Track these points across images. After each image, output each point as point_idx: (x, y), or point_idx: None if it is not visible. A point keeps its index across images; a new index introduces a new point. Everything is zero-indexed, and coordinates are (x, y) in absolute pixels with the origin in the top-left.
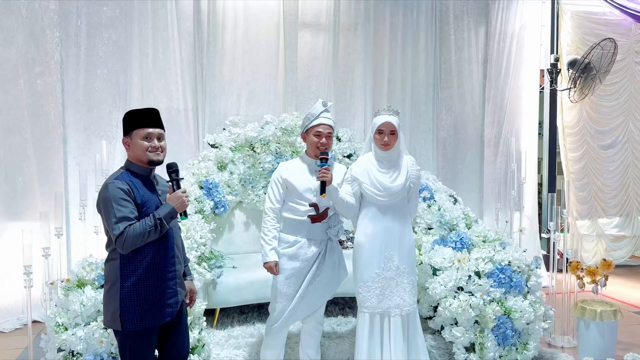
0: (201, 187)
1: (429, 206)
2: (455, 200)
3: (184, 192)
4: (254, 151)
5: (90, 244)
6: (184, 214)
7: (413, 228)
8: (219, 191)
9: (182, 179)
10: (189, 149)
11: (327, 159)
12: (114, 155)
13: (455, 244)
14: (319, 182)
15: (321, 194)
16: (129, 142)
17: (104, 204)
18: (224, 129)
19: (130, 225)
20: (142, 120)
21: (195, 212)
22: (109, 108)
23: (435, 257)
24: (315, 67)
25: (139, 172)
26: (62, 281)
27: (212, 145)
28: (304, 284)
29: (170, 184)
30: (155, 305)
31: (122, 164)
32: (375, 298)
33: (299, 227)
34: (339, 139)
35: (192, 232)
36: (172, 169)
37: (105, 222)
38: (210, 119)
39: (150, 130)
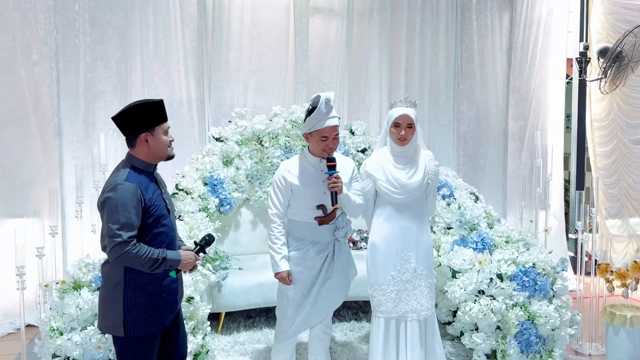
0: (205, 184)
1: (449, 204)
2: (477, 198)
3: (198, 259)
4: (262, 145)
5: (87, 244)
6: (177, 271)
7: (431, 227)
8: (224, 188)
9: (208, 246)
10: (192, 143)
11: (335, 166)
12: (114, 149)
13: (476, 244)
14: (329, 193)
15: (333, 205)
16: (150, 138)
17: (110, 206)
18: (230, 121)
19: (133, 237)
20: (163, 114)
21: (199, 210)
22: (110, 99)
23: (454, 259)
24: (327, 56)
25: (144, 169)
26: (57, 283)
27: (217, 139)
28: (314, 291)
29: (195, 247)
30: (160, 308)
31: (122, 161)
32: (390, 302)
33: (305, 229)
34: (352, 133)
35: (196, 231)
36: (206, 242)
37: (105, 224)
38: (215, 111)
39: (168, 124)
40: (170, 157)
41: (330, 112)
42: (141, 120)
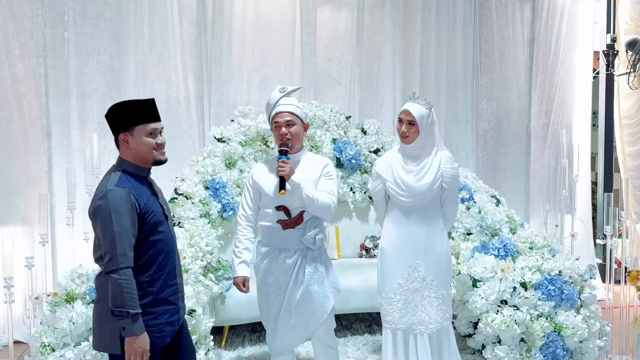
0: (207, 188)
1: (468, 208)
2: (498, 202)
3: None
4: (267, 146)
5: (79, 253)
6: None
7: (449, 233)
8: (227, 192)
9: None
10: (190, 144)
11: (286, 151)
12: (108, 151)
13: (498, 251)
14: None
15: (279, 190)
16: (129, 138)
17: (102, 216)
18: (233, 120)
19: (127, 268)
20: (146, 114)
21: (201, 216)
22: (102, 97)
23: (475, 267)
24: (336, 50)
25: (135, 172)
26: (48, 295)
27: (219, 140)
28: (284, 303)
29: None
30: (159, 323)
31: (113, 166)
32: (397, 312)
33: (271, 235)
34: (364, 132)
35: (197, 239)
36: None
37: (98, 237)
38: (217, 109)
39: (154, 125)
40: (157, 162)
41: (284, 98)
42: (120, 119)
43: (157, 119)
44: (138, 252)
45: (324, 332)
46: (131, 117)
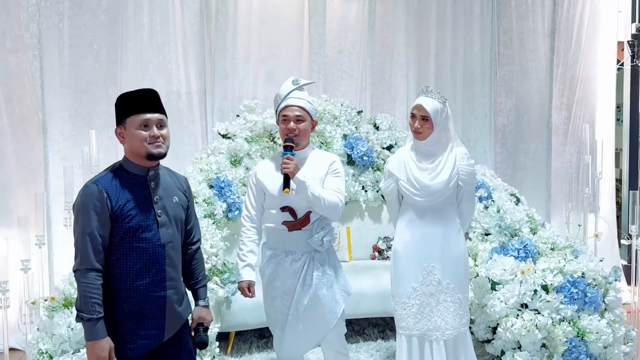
0: (211, 186)
1: (486, 207)
2: (518, 200)
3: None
4: (275, 142)
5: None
6: None
7: (467, 234)
8: (232, 191)
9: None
10: (193, 141)
11: (292, 147)
12: (106, 147)
13: (518, 252)
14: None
15: (283, 189)
16: (123, 132)
17: (75, 208)
18: (238, 115)
19: (90, 270)
20: (137, 105)
21: (205, 217)
22: (100, 91)
23: (493, 269)
24: (347, 41)
25: (134, 171)
26: (45, 300)
27: (224, 136)
28: (292, 309)
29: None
30: (132, 335)
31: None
32: (411, 317)
33: (277, 238)
34: (376, 127)
35: (202, 241)
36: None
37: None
38: (221, 104)
39: (148, 115)
40: (151, 156)
41: (296, 91)
42: (116, 112)
43: (151, 109)
44: (112, 256)
45: (335, 337)
46: (124, 108)
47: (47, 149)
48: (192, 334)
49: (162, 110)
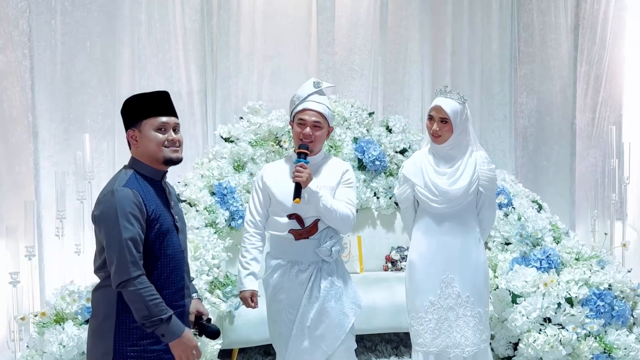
0: (213, 193)
1: (506, 215)
2: (540, 207)
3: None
4: (280, 146)
5: (70, 268)
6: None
7: (486, 243)
8: (235, 198)
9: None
10: (194, 145)
11: (306, 154)
12: (100, 152)
13: (541, 262)
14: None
15: (294, 198)
16: (137, 135)
17: (108, 219)
18: (241, 117)
19: (141, 275)
20: (154, 107)
21: (206, 226)
22: (94, 92)
23: (514, 280)
24: (357, 38)
25: (148, 174)
26: (35, 315)
27: (226, 139)
28: (297, 322)
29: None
30: (155, 348)
31: (127, 163)
32: (429, 333)
33: (282, 247)
34: (389, 130)
35: (203, 251)
36: (211, 333)
37: (101, 243)
38: (223, 106)
39: (165, 119)
40: (169, 161)
41: (316, 95)
42: (128, 114)
43: (168, 112)
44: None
45: (343, 353)
46: (138, 110)
47: (37, 153)
48: (194, 327)
49: (176, 114)
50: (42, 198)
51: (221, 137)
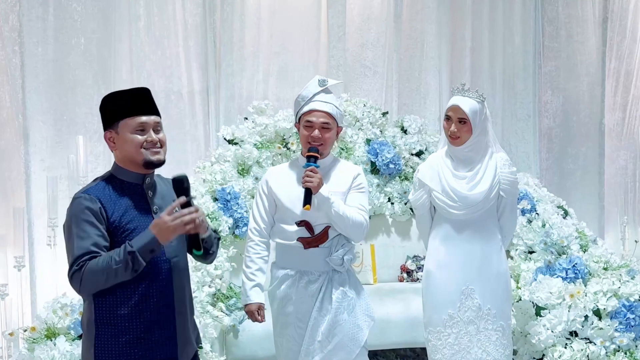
0: (215, 199)
1: (530, 221)
2: (566, 213)
3: (174, 213)
4: (288, 148)
5: (62, 279)
6: (197, 247)
7: (508, 252)
8: (239, 204)
9: (194, 198)
10: (195, 147)
11: (316, 157)
12: (95, 156)
13: (566, 272)
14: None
15: (304, 205)
16: (114, 137)
17: (66, 226)
18: (246, 118)
19: (91, 258)
20: (131, 106)
21: None
22: (89, 91)
23: (538, 292)
24: (370, 33)
25: (128, 179)
26: (25, 330)
27: (230, 141)
28: (306, 337)
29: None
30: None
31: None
32: (447, 349)
33: (290, 256)
34: (404, 131)
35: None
36: (180, 185)
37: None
38: (227, 106)
39: (144, 118)
40: (150, 164)
41: (322, 94)
42: (104, 114)
43: (147, 111)
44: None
45: None
46: (115, 110)
47: (28, 157)
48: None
49: (158, 112)
50: (33, 204)
51: (224, 139)
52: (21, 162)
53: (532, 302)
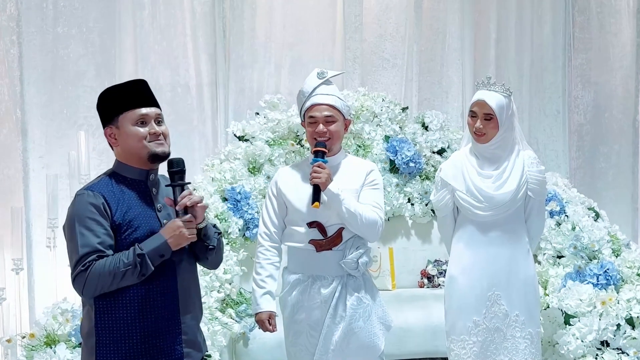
0: (225, 199)
1: (559, 224)
2: (597, 215)
3: (189, 221)
4: (302, 145)
5: (63, 283)
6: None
7: (535, 256)
8: (250, 204)
9: (189, 183)
10: (203, 144)
11: (323, 152)
12: (98, 152)
13: (597, 278)
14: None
15: (312, 202)
16: (115, 133)
17: (68, 225)
18: (258, 113)
19: (98, 258)
20: (131, 98)
21: None
22: (91, 84)
23: (567, 299)
24: (389, 23)
25: (131, 176)
26: (23, 337)
27: (240, 138)
28: (319, 346)
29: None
30: None
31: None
32: (472, 358)
33: (302, 260)
34: (425, 127)
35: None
36: (176, 169)
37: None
38: (237, 100)
39: (145, 110)
40: (154, 156)
41: (323, 86)
42: (102, 110)
43: (147, 103)
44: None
45: None
46: (113, 104)
47: (26, 154)
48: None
49: (157, 104)
50: (32, 204)
51: (234, 135)
52: (19, 159)
53: (561, 310)
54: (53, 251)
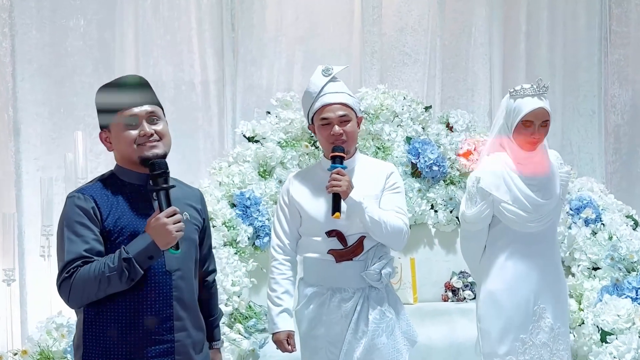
0: (233, 205)
1: (594, 233)
2: (636, 224)
3: (173, 214)
4: (316, 147)
5: (57, 296)
6: (175, 247)
7: (569, 268)
8: (260, 211)
9: (173, 186)
10: (209, 146)
11: (342, 157)
12: (96, 154)
13: (637, 292)
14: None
15: (333, 213)
16: (109, 136)
17: (59, 230)
18: (268, 112)
19: (83, 263)
20: (119, 99)
21: (225, 245)
22: (89, 80)
23: (604, 314)
24: (410, 15)
25: (131, 180)
26: (15, 354)
27: (250, 139)
28: None
29: (154, 197)
30: None
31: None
32: None
33: (320, 271)
34: (450, 128)
35: (220, 276)
36: (158, 172)
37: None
38: (245, 98)
39: (135, 110)
40: (145, 160)
41: (330, 84)
42: (99, 113)
43: (136, 101)
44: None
45: None
46: (103, 107)
47: (19, 155)
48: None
49: (152, 100)
50: (25, 210)
51: (243, 136)
52: (11, 161)
53: (597, 326)
54: (47, 261)
